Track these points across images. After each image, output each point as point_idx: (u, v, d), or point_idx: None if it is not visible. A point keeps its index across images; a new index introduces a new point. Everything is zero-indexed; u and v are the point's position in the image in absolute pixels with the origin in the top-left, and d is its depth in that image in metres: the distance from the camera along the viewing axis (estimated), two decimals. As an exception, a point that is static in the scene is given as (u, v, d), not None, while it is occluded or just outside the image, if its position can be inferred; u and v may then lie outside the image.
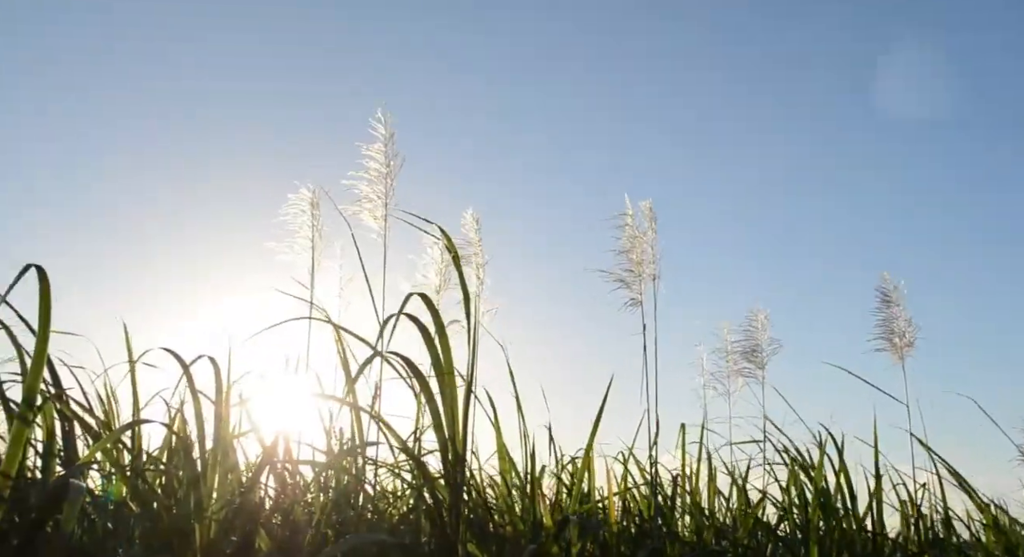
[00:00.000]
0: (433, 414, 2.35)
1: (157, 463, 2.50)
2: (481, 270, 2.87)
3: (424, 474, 2.34)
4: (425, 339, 2.35)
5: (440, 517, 2.26)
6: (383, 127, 2.83)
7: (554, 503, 2.98)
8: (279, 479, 2.46)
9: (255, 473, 2.37)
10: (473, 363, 2.44)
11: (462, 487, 2.31)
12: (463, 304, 2.54)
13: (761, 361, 3.69)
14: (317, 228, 2.91)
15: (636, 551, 2.84)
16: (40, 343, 1.96)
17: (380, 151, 2.80)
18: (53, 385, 2.25)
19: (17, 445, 1.93)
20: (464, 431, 2.35)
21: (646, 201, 3.28)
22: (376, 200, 2.74)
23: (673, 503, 3.10)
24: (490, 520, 2.54)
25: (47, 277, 1.96)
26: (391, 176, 2.79)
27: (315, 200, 2.93)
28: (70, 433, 2.32)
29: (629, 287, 3.21)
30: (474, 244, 2.89)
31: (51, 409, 2.18)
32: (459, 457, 2.33)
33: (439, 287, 2.82)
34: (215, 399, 2.37)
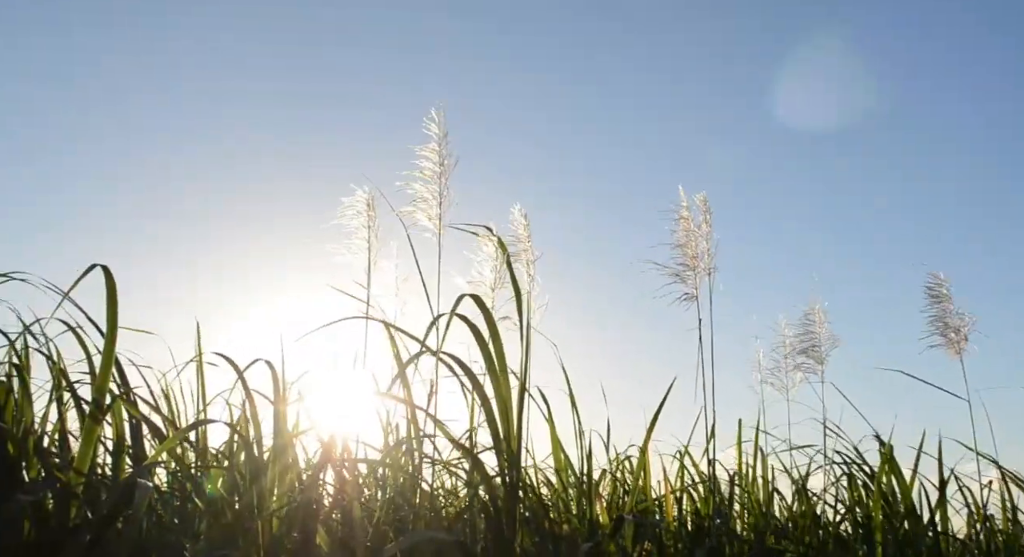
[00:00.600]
0: (487, 412, 2.36)
1: (220, 461, 2.56)
2: (531, 266, 2.87)
3: (480, 472, 2.35)
4: (477, 339, 2.36)
5: (496, 515, 2.27)
6: (437, 127, 2.85)
7: (610, 501, 2.97)
8: (338, 476, 2.50)
9: (314, 470, 2.41)
10: (526, 361, 2.44)
11: (517, 485, 2.32)
12: (515, 302, 2.54)
13: (820, 356, 3.62)
14: (373, 229, 2.94)
15: (694, 550, 2.82)
16: (108, 343, 2.02)
17: (434, 151, 2.83)
18: (121, 384, 2.32)
19: (88, 443, 1.99)
20: (519, 429, 2.36)
21: (700, 194, 3.24)
22: (430, 199, 2.77)
23: (731, 501, 3.06)
24: (546, 518, 2.54)
25: (112, 277, 2.01)
26: (445, 175, 2.81)
27: (371, 201, 2.96)
28: (138, 431, 2.39)
29: (683, 282, 3.17)
30: (523, 240, 2.89)
31: (120, 408, 2.25)
32: (514, 455, 2.34)
33: (494, 284, 2.83)
34: (273, 398, 2.41)
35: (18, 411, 1.96)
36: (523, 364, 2.43)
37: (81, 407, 2.26)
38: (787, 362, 3.69)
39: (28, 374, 2.07)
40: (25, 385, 2.01)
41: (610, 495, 3.03)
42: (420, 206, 2.76)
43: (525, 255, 2.86)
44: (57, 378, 2.25)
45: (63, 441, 2.26)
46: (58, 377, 2.25)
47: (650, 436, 2.77)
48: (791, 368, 3.67)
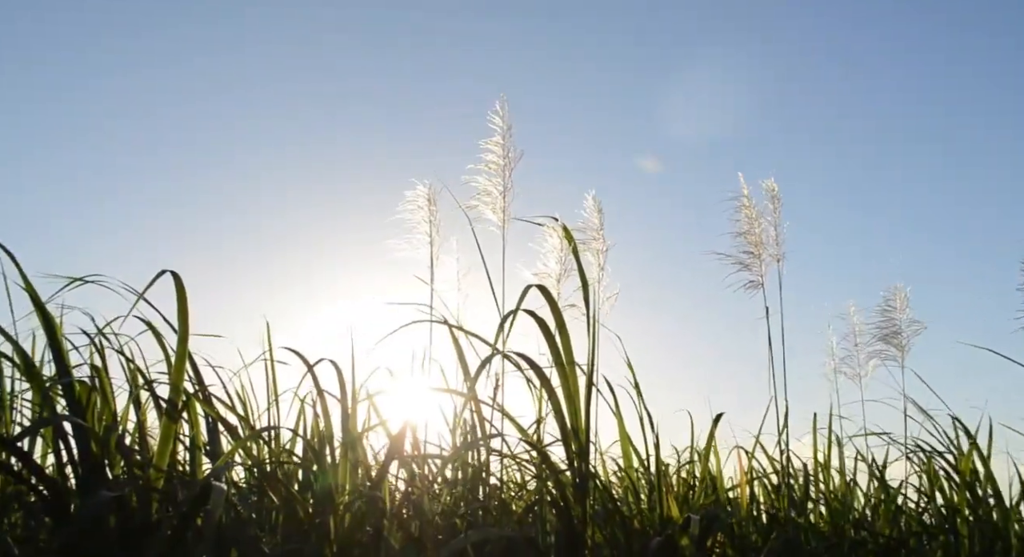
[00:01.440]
0: (554, 405, 2.34)
1: (292, 457, 2.60)
2: (601, 256, 2.84)
3: (548, 465, 2.34)
4: (544, 332, 2.35)
5: (565, 508, 2.26)
6: (501, 120, 2.85)
7: (679, 493, 2.92)
8: (407, 471, 2.52)
9: (383, 465, 2.44)
10: (593, 352, 2.42)
11: (587, 478, 2.30)
12: (582, 292, 2.52)
13: (901, 343, 3.50)
14: (434, 223, 2.95)
15: (768, 542, 2.76)
16: (180, 345, 2.07)
17: (498, 144, 2.83)
18: (197, 383, 2.37)
19: (166, 441, 2.05)
20: (587, 422, 2.34)
21: (767, 181, 3.16)
22: (495, 193, 2.77)
23: (806, 492, 2.99)
24: (616, 512, 2.52)
25: (182, 281, 2.05)
26: (509, 168, 2.80)
27: (432, 196, 2.97)
28: (214, 428, 2.44)
29: (749, 269, 3.10)
30: (594, 230, 2.86)
31: (195, 406, 2.30)
32: (582, 448, 2.32)
33: (560, 275, 2.81)
34: (340, 396, 2.44)
35: (100, 410, 2.02)
36: (590, 355, 2.40)
37: (160, 406, 2.33)
38: (862, 349, 3.58)
39: (107, 374, 2.13)
40: (104, 385, 2.08)
41: (679, 487, 2.99)
42: (484, 199, 2.76)
43: (595, 244, 2.83)
44: (134, 378, 2.32)
45: (143, 439, 2.33)
46: (135, 377, 2.32)
47: (716, 426, 2.72)
48: (866, 355, 3.56)
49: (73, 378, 1.98)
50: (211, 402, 2.42)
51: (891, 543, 2.95)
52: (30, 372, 2.09)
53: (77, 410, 1.99)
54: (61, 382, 1.97)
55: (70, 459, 1.99)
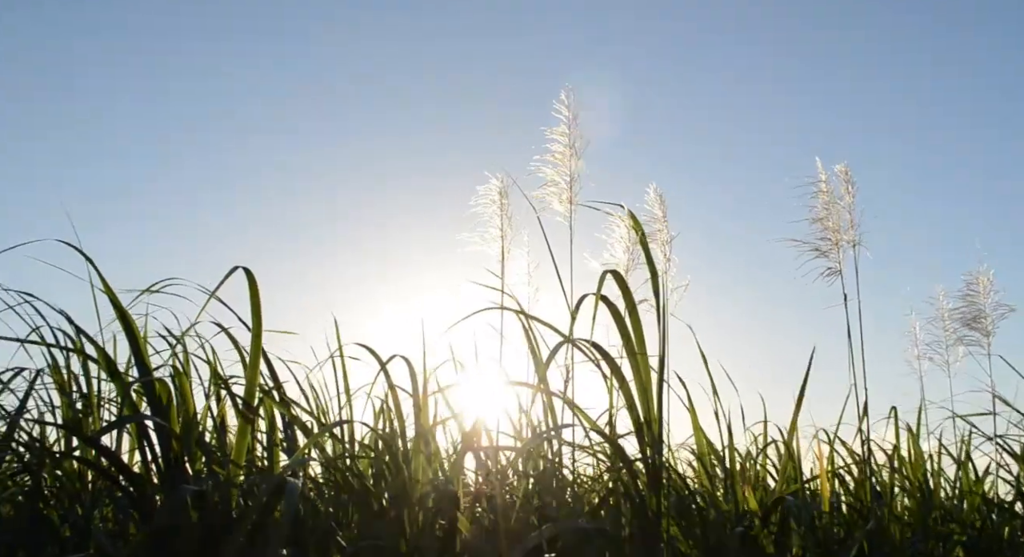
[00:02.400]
0: (626, 396, 2.32)
1: (367, 451, 2.63)
2: (667, 247, 2.80)
3: (621, 457, 2.32)
4: (616, 319, 2.33)
5: (640, 501, 2.23)
6: (566, 109, 2.83)
7: (756, 485, 2.86)
8: (479, 464, 2.52)
9: (456, 459, 2.45)
10: (664, 342, 2.39)
11: (661, 470, 2.27)
12: (651, 283, 2.49)
13: (986, 328, 3.35)
14: (506, 216, 2.95)
15: (851, 533, 2.68)
16: (254, 339, 2.11)
17: (564, 134, 2.81)
18: (272, 380, 2.42)
19: (243, 438, 2.09)
20: (659, 412, 2.31)
21: (841, 165, 3.06)
22: (561, 183, 2.75)
23: (891, 483, 2.89)
24: (692, 503, 2.48)
25: (254, 277, 2.09)
26: (575, 157, 2.78)
27: (503, 189, 2.96)
28: (290, 424, 2.49)
29: (826, 256, 3.01)
30: (659, 220, 2.81)
31: (270, 403, 2.34)
32: (655, 439, 2.29)
33: (627, 266, 2.77)
34: (412, 390, 2.46)
35: (180, 408, 2.08)
36: (661, 346, 2.37)
37: (236, 404, 2.38)
38: (948, 335, 3.45)
39: (187, 373, 2.18)
40: (183, 384, 2.13)
41: (755, 478, 2.93)
42: (551, 190, 2.74)
43: (661, 235, 2.78)
44: (213, 376, 2.37)
45: (221, 435, 2.39)
46: (214, 375, 2.37)
47: (798, 415, 2.65)
48: (953, 341, 3.42)
49: (154, 378, 2.04)
50: (285, 399, 2.46)
51: (982, 535, 2.83)
52: (113, 373, 2.16)
53: (158, 408, 2.04)
54: (142, 381, 2.03)
55: (153, 456, 2.05)
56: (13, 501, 2.20)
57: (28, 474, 2.23)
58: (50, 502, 2.13)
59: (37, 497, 2.06)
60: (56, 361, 2.30)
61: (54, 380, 2.28)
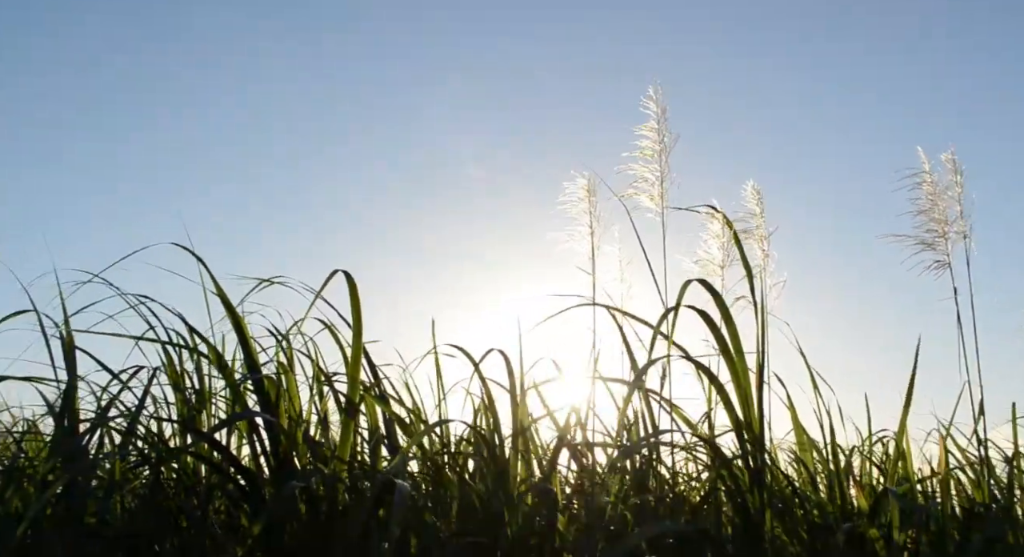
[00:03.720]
0: (722, 396, 2.28)
1: (465, 447, 2.66)
2: (765, 243, 2.74)
3: (721, 457, 2.28)
4: (710, 327, 2.30)
5: (742, 500, 2.19)
6: (655, 105, 2.80)
7: (862, 485, 2.77)
8: (577, 462, 2.52)
9: (552, 457, 2.45)
10: (763, 340, 2.34)
11: (763, 469, 2.22)
12: (747, 280, 2.44)
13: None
14: (594, 214, 2.94)
15: (968, 537, 2.56)
16: (355, 339, 2.16)
17: (653, 130, 2.78)
18: (372, 378, 2.47)
19: (347, 435, 2.15)
20: (759, 411, 2.27)
21: (947, 152, 2.93)
22: (652, 179, 2.72)
23: (1010, 485, 2.75)
24: (796, 503, 2.42)
25: (354, 280, 2.14)
26: (665, 154, 2.75)
27: (591, 187, 2.96)
28: (389, 420, 2.54)
29: (933, 249, 2.89)
30: (756, 216, 2.75)
31: (371, 401, 2.40)
32: (756, 439, 2.25)
33: (722, 262, 2.73)
34: (509, 388, 2.48)
35: (287, 405, 2.15)
36: (759, 344, 2.32)
37: (339, 401, 2.44)
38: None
39: (293, 371, 2.26)
40: (290, 381, 2.20)
41: (862, 478, 2.83)
42: (641, 187, 2.72)
43: (758, 232, 2.73)
44: (316, 374, 2.44)
45: (325, 432, 2.46)
46: (317, 374, 2.44)
47: (907, 412, 2.55)
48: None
49: (262, 374, 2.12)
50: (385, 397, 2.51)
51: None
52: (224, 370, 2.25)
53: (266, 405, 2.12)
54: (251, 378, 2.11)
55: (262, 450, 2.13)
56: (135, 493, 2.31)
57: (148, 468, 2.34)
58: (169, 494, 2.23)
59: (157, 490, 2.16)
60: (171, 359, 2.41)
61: (169, 377, 2.39)
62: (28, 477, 2.21)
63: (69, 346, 2.22)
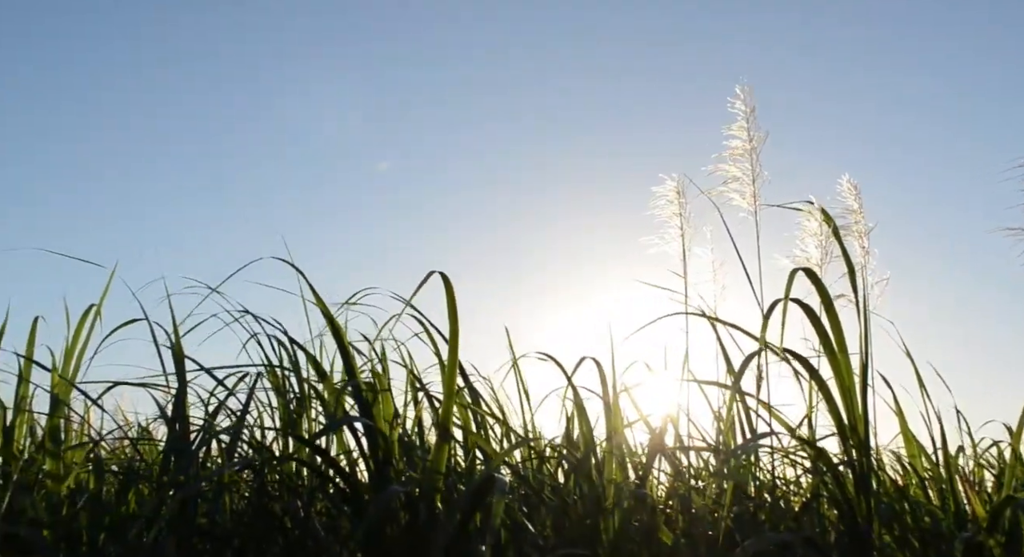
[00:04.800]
0: (827, 399, 2.22)
1: (557, 454, 2.66)
2: (865, 239, 2.64)
3: (825, 462, 2.21)
4: (813, 322, 2.23)
5: (848, 507, 2.12)
6: (742, 104, 2.75)
7: (978, 492, 2.63)
8: (672, 466, 2.49)
9: (647, 462, 2.42)
10: (866, 339, 2.26)
11: (869, 474, 2.14)
12: (848, 278, 2.36)
13: None
14: (684, 216, 2.90)
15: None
16: (452, 338, 2.17)
17: (742, 128, 2.73)
18: (466, 386, 2.49)
19: (441, 447, 2.16)
20: (864, 413, 2.19)
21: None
22: (743, 178, 2.67)
23: None
24: (906, 510, 2.32)
25: (450, 281, 2.16)
26: (755, 152, 2.69)
27: (681, 188, 2.92)
28: (482, 426, 2.55)
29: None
30: (854, 213, 2.66)
31: (465, 413, 2.42)
32: (862, 443, 2.17)
33: (820, 261, 2.65)
34: (602, 392, 2.46)
35: (383, 410, 2.19)
36: (863, 343, 2.24)
37: (434, 406, 2.48)
38: None
39: (387, 376, 2.30)
40: (385, 386, 2.24)
41: (977, 483, 2.70)
42: (732, 186, 2.67)
43: (857, 228, 2.63)
44: (411, 380, 2.48)
45: (421, 436, 2.49)
46: (411, 379, 2.48)
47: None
48: None
49: (360, 380, 2.16)
50: (479, 402, 2.53)
51: None
52: (323, 377, 2.31)
53: (364, 410, 2.16)
54: (351, 384, 2.16)
55: (361, 455, 2.18)
56: (241, 494, 2.40)
57: (252, 472, 2.42)
58: (272, 496, 2.30)
59: (263, 493, 2.23)
60: (272, 368, 2.48)
61: (271, 383, 2.46)
62: (144, 479, 2.31)
63: (179, 354, 2.32)
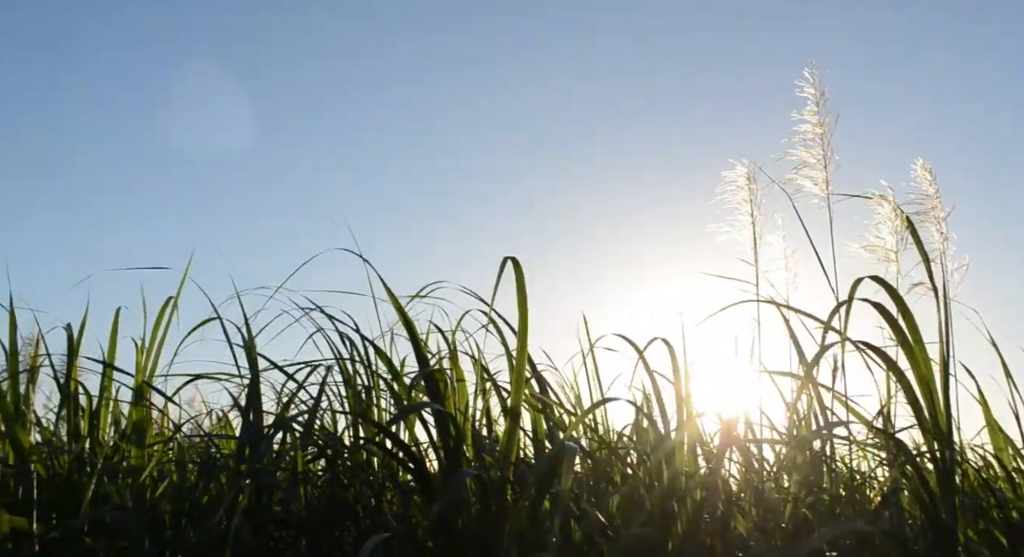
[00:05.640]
0: (905, 390, 2.16)
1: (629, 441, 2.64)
2: (942, 224, 2.54)
3: (906, 454, 2.15)
4: (887, 319, 2.17)
5: (931, 500, 2.06)
6: (812, 88, 2.68)
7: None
8: (744, 456, 2.45)
9: (719, 451, 2.38)
10: (946, 329, 2.19)
11: (953, 468, 2.08)
12: (923, 266, 2.29)
13: None
14: (755, 203, 2.84)
15: None
16: (521, 330, 2.17)
17: (812, 113, 2.66)
18: (533, 374, 2.49)
19: (514, 429, 2.17)
20: (946, 406, 2.12)
21: None
22: (814, 163, 2.60)
23: None
24: (992, 505, 2.24)
25: (521, 269, 2.15)
26: (826, 137, 2.63)
27: (751, 174, 2.86)
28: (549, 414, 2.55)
29: None
30: (931, 198, 2.56)
31: (533, 400, 2.42)
32: (944, 434, 2.11)
33: (896, 247, 2.56)
34: (673, 379, 2.42)
35: (455, 398, 2.20)
36: (942, 332, 2.18)
37: (501, 395, 2.48)
38: None
39: (458, 365, 2.31)
40: (458, 374, 2.26)
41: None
42: (803, 173, 2.60)
43: (934, 213, 2.54)
44: (478, 369, 2.49)
45: (489, 423, 2.50)
46: (478, 367, 2.49)
47: None
48: None
49: (432, 368, 2.18)
50: (546, 390, 2.53)
51: None
52: (393, 371, 2.34)
53: (436, 398, 2.18)
54: (423, 372, 2.18)
55: (431, 444, 2.19)
56: (313, 483, 2.44)
57: (324, 460, 2.46)
58: (344, 485, 2.33)
59: (335, 482, 2.27)
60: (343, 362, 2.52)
61: (342, 375, 2.50)
62: (221, 469, 2.37)
63: (252, 350, 2.37)
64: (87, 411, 2.46)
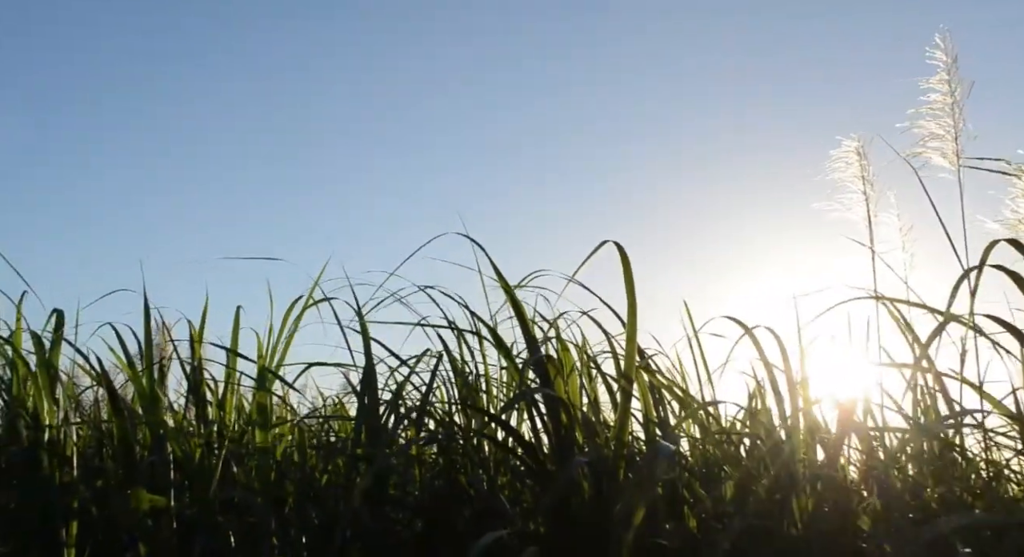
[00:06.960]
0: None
1: (742, 428, 2.59)
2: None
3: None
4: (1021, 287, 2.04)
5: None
6: (943, 54, 2.53)
7: None
8: (864, 444, 2.36)
9: (837, 439, 2.30)
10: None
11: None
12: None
13: None
14: (868, 179, 2.71)
15: None
16: (630, 316, 2.15)
17: (943, 81, 2.52)
18: (640, 357, 2.46)
19: (625, 414, 2.16)
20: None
21: None
22: (944, 135, 2.46)
23: None
24: None
25: (626, 253, 2.13)
26: (958, 106, 2.48)
27: (862, 150, 2.73)
28: (660, 401, 2.52)
29: None
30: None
31: (643, 381, 2.39)
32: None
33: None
34: (784, 365, 2.36)
35: (568, 385, 2.21)
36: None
37: (607, 382, 2.47)
38: None
39: (567, 352, 2.31)
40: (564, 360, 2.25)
41: None
42: (931, 145, 2.47)
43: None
44: (583, 356, 2.48)
45: (596, 410, 2.49)
46: (582, 354, 2.48)
47: None
48: None
49: (542, 355, 2.18)
50: (656, 375, 2.50)
51: None
52: (504, 351, 2.36)
53: (546, 383, 2.18)
54: (534, 359, 2.19)
55: (544, 429, 2.20)
56: (427, 467, 2.49)
57: (436, 445, 2.51)
58: (458, 468, 2.37)
59: (450, 467, 2.31)
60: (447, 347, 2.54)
61: (450, 362, 2.53)
62: (340, 452, 2.45)
63: (366, 334, 2.43)
64: (215, 397, 2.58)
